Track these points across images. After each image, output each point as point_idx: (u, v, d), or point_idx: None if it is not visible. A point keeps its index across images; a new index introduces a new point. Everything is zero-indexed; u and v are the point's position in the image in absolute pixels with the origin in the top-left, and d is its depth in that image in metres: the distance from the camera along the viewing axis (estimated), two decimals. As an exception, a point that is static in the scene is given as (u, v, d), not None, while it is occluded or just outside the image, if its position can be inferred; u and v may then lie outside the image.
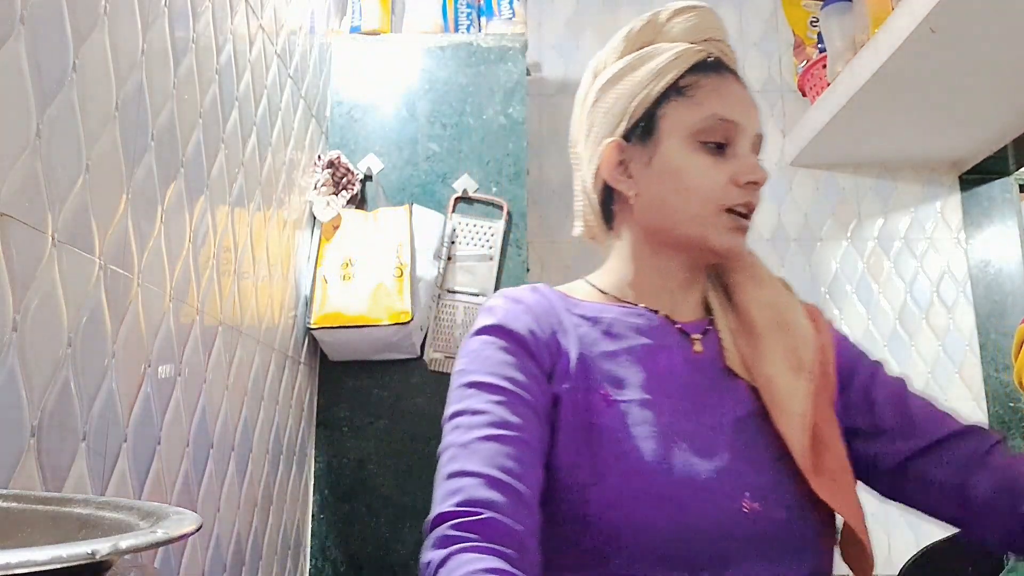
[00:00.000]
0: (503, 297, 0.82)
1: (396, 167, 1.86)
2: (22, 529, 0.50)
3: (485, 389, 0.74)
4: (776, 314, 0.81)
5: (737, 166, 0.78)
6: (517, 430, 0.71)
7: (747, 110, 0.80)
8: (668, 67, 0.80)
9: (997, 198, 2.09)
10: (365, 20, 1.96)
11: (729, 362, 0.79)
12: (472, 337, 0.79)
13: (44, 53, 0.77)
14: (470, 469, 0.69)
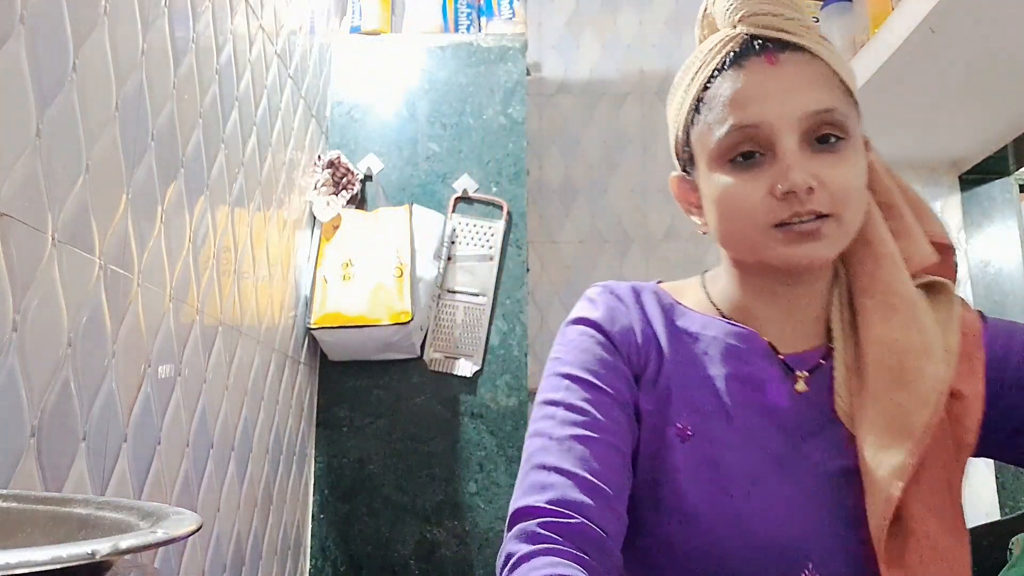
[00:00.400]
0: (608, 292, 0.77)
1: (396, 167, 1.86)
2: (22, 529, 0.50)
3: (582, 385, 0.71)
4: (897, 360, 0.67)
5: (774, 174, 0.66)
6: (611, 433, 0.69)
7: (777, 97, 0.66)
8: (692, 85, 0.72)
9: (997, 198, 2.09)
10: (365, 20, 1.96)
11: (837, 407, 0.69)
12: (571, 325, 0.76)
13: (44, 53, 0.77)
14: (563, 467, 0.66)
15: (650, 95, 2.16)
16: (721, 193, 0.69)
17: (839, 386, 0.69)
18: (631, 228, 2.08)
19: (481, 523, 1.70)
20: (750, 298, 0.74)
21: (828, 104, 0.66)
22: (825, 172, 0.65)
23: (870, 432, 0.65)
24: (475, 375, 1.76)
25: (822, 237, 0.65)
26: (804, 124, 0.66)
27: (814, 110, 0.66)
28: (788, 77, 0.67)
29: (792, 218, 0.65)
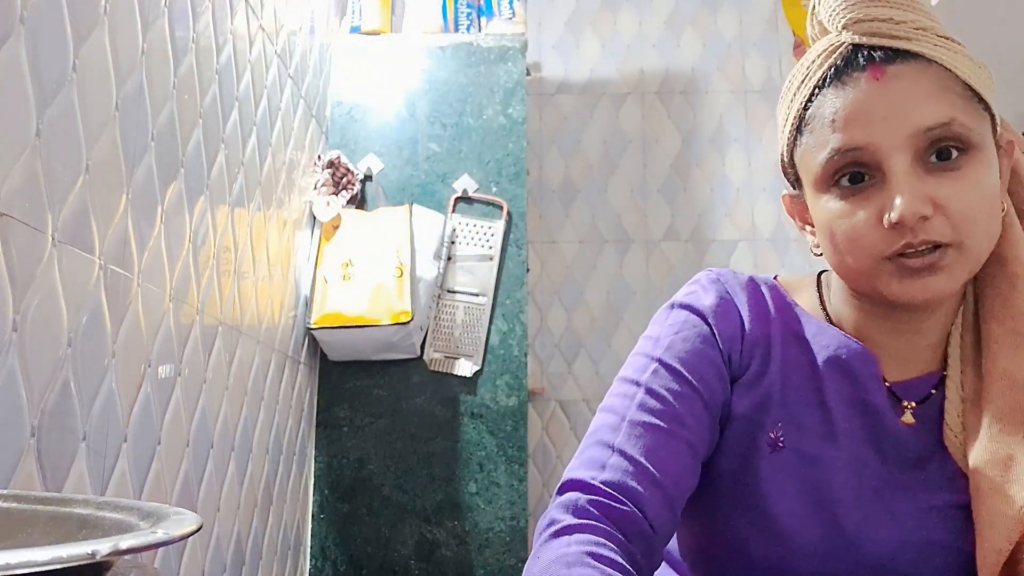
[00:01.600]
0: (721, 283, 0.72)
1: (396, 167, 1.86)
2: (22, 529, 0.50)
3: (670, 373, 0.67)
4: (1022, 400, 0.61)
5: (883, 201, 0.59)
6: (686, 429, 0.65)
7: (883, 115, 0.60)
8: (794, 99, 0.67)
9: (997, 198, 2.09)
10: (365, 20, 1.96)
11: (948, 443, 0.64)
12: (677, 309, 0.72)
13: (44, 53, 0.77)
14: (627, 451, 0.63)
15: (650, 95, 2.16)
16: (828, 220, 0.63)
17: (951, 418, 0.64)
18: (631, 228, 2.08)
19: (481, 523, 1.70)
20: (863, 318, 0.68)
21: (943, 117, 0.59)
22: (944, 194, 0.58)
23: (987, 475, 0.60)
24: (475, 375, 1.76)
25: (941, 270, 0.59)
26: (916, 143, 0.59)
27: (926, 127, 0.59)
28: (896, 92, 0.60)
29: (905, 249, 0.59)
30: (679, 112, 2.15)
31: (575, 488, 0.62)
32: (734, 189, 2.10)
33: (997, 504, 0.58)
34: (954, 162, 0.59)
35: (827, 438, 0.65)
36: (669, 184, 2.11)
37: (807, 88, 0.65)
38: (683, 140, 2.13)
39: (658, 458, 0.63)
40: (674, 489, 0.63)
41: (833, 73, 0.63)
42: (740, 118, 2.14)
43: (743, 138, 2.13)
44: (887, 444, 0.64)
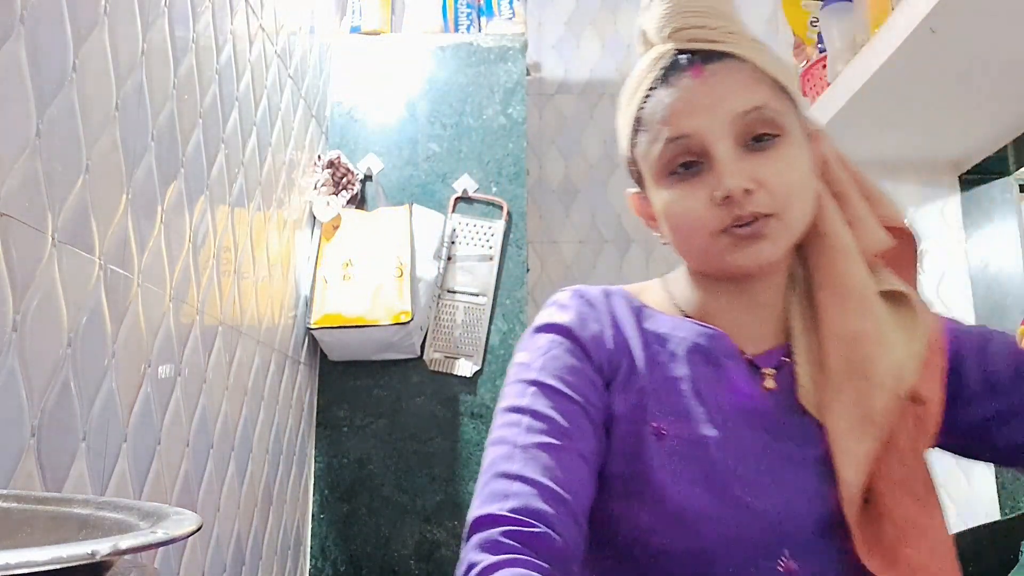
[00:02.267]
0: (579, 297, 0.76)
1: (396, 167, 1.86)
2: (22, 529, 0.50)
3: (549, 393, 0.70)
4: (854, 350, 0.69)
5: (712, 182, 0.67)
6: (577, 442, 0.68)
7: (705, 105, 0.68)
8: (629, 106, 0.74)
9: (997, 198, 2.09)
10: (365, 20, 1.96)
11: (803, 399, 0.70)
12: (539, 333, 0.75)
13: (44, 53, 0.77)
14: (527, 476, 0.65)
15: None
16: (667, 206, 0.70)
17: (803, 379, 0.70)
18: (631, 228, 2.08)
19: (481, 523, 1.70)
20: (711, 301, 0.75)
21: (756, 103, 0.67)
22: (762, 171, 0.66)
23: (837, 421, 0.67)
24: (475, 375, 1.76)
25: (765, 237, 0.67)
26: (735, 127, 0.67)
27: (742, 111, 0.67)
28: (714, 86, 0.69)
29: (734, 222, 0.66)
30: (679, 112, 2.15)
31: (485, 525, 0.63)
32: (734, 189, 2.10)
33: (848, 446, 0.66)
34: (769, 143, 0.68)
35: (703, 419, 0.69)
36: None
37: (641, 92, 0.72)
38: (683, 140, 2.13)
39: (557, 475, 0.65)
40: (577, 503, 0.66)
41: (662, 76, 0.71)
42: (740, 118, 2.14)
43: (743, 138, 2.13)
44: (756, 413, 0.70)
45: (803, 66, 2.02)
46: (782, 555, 0.65)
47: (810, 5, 2.07)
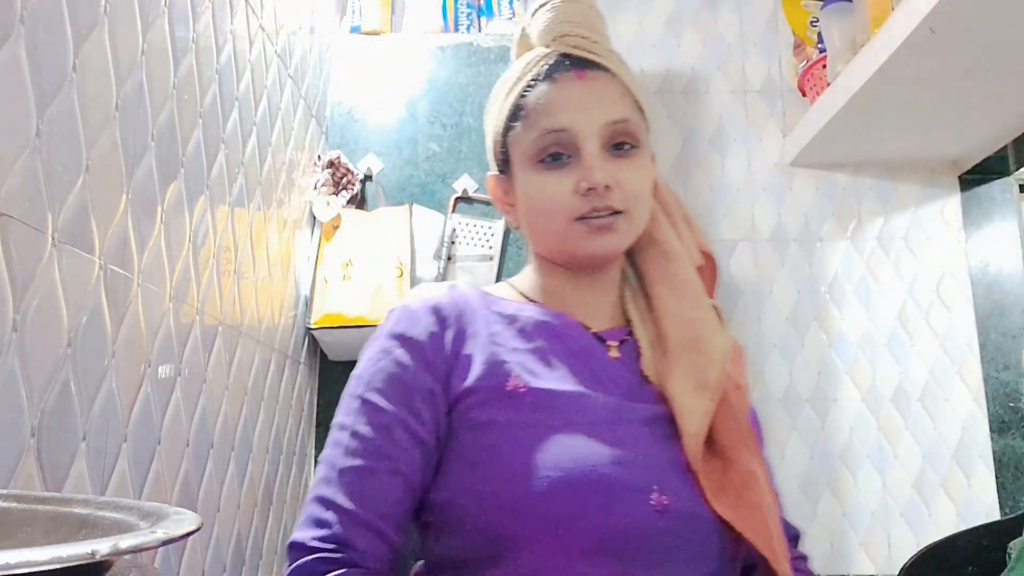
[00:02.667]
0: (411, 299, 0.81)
1: (396, 167, 1.86)
2: (22, 529, 0.50)
3: (372, 409, 0.74)
4: (690, 330, 0.80)
5: (579, 174, 0.76)
6: (394, 461, 0.72)
7: (584, 107, 0.77)
8: (510, 93, 0.81)
9: (997, 198, 2.09)
10: (365, 20, 1.96)
11: (645, 369, 0.80)
12: (375, 339, 0.79)
13: (44, 53, 0.77)
14: (340, 503, 0.71)
15: (650, 95, 2.16)
16: (533, 189, 0.79)
17: (645, 352, 0.81)
18: (631, 228, 2.08)
19: (481, 523, 1.70)
20: (557, 286, 0.83)
21: (625, 115, 0.78)
22: (620, 174, 0.77)
23: (679, 387, 0.77)
24: (475, 375, 1.76)
25: (615, 231, 0.77)
26: (604, 132, 0.77)
27: (613, 120, 0.77)
28: (593, 90, 0.78)
29: (591, 212, 0.76)
30: (679, 112, 2.15)
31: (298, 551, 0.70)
32: (734, 189, 2.10)
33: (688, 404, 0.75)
34: (628, 152, 0.79)
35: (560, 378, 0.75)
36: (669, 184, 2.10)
37: (522, 84, 0.80)
38: (683, 140, 2.13)
39: (365, 499, 0.71)
40: (389, 522, 0.72)
41: (546, 72, 0.80)
42: (740, 118, 2.14)
43: (743, 138, 2.13)
44: (605, 376, 0.78)
45: (803, 66, 2.02)
46: (652, 489, 0.70)
47: (810, 5, 2.07)
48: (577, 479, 0.69)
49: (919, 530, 1.90)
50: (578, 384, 0.76)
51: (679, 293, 0.83)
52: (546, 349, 0.78)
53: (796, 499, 1.92)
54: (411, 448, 0.73)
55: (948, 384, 1.98)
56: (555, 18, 0.82)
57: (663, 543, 0.69)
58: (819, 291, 2.04)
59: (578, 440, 0.71)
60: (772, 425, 1.96)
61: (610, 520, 0.68)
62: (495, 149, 0.84)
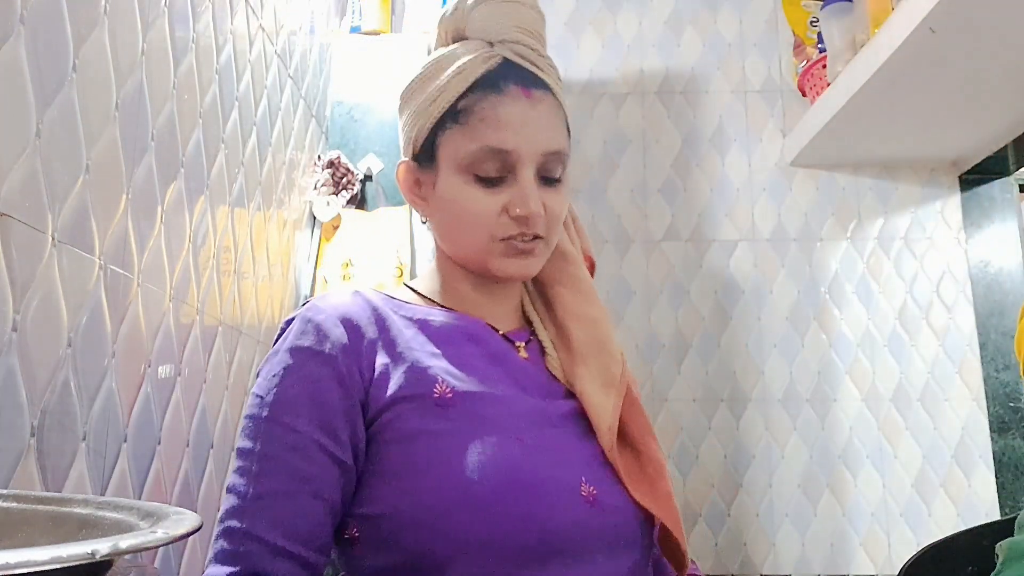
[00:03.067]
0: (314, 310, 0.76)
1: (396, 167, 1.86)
2: (22, 529, 0.50)
3: (283, 430, 0.70)
4: (592, 330, 0.82)
5: (511, 196, 0.75)
6: (313, 484, 0.69)
7: (529, 133, 0.76)
8: (448, 87, 0.78)
9: (997, 198, 2.09)
10: (365, 20, 1.96)
11: (552, 368, 0.81)
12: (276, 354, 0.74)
13: (44, 53, 0.77)
14: (257, 533, 0.67)
15: (650, 95, 2.16)
16: (460, 198, 0.77)
17: (550, 352, 0.82)
18: (631, 228, 2.08)
19: (481, 523, 1.70)
20: (463, 289, 0.83)
21: (562, 147, 0.78)
22: (548, 201, 0.77)
23: (588, 385, 0.79)
24: (475, 375, 1.76)
25: (534, 255, 0.78)
26: (542, 159, 0.77)
27: (554, 150, 0.77)
28: (539, 113, 0.77)
29: (517, 236, 0.76)
30: (679, 112, 2.15)
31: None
32: (734, 189, 2.10)
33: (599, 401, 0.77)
34: (555, 182, 0.78)
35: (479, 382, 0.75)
36: (669, 184, 2.10)
37: (461, 82, 0.77)
38: (683, 140, 2.13)
39: (287, 527, 0.67)
40: (307, 548, 0.68)
41: (491, 79, 0.77)
42: (740, 118, 2.14)
43: (743, 138, 2.13)
44: (518, 376, 0.78)
45: (803, 66, 2.03)
46: (581, 481, 0.72)
47: (810, 5, 2.07)
48: (518, 484, 0.69)
49: (919, 530, 1.90)
50: (498, 387, 0.76)
51: (578, 293, 0.85)
52: (462, 353, 0.77)
53: (796, 499, 1.92)
54: (329, 469, 0.70)
55: (948, 384, 1.98)
56: (502, 17, 0.79)
57: (596, 534, 0.71)
58: (819, 291, 2.04)
59: (511, 445, 0.71)
60: (772, 425, 1.96)
61: (549, 521, 0.68)
62: (418, 139, 0.80)
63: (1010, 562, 0.85)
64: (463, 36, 0.82)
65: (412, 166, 0.82)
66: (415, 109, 0.81)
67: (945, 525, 1.90)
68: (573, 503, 0.70)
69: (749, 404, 1.97)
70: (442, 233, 0.82)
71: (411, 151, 0.82)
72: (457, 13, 0.82)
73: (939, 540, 1.06)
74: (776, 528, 1.92)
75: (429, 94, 0.80)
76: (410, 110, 0.82)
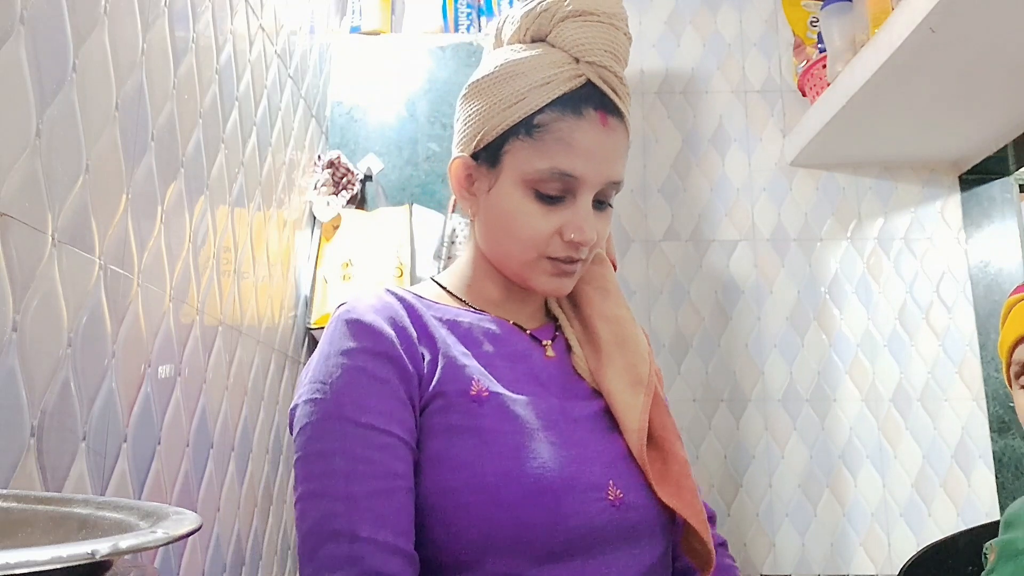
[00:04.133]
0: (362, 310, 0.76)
1: (396, 167, 1.86)
2: (22, 529, 0.50)
3: (364, 429, 0.69)
4: (619, 329, 0.83)
5: (567, 220, 0.76)
6: (403, 478, 0.69)
7: (598, 161, 0.76)
8: (527, 97, 0.76)
9: (997, 198, 2.09)
10: (365, 20, 1.96)
11: (578, 368, 0.82)
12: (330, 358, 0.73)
13: (44, 53, 0.77)
14: (364, 534, 0.65)
15: (650, 95, 2.17)
16: (517, 211, 0.77)
17: (576, 351, 0.83)
18: (631, 228, 2.08)
19: (481, 523, 1.70)
20: (492, 288, 0.84)
21: (620, 178, 0.79)
22: (600, 229, 0.79)
23: (615, 384, 0.79)
24: (475, 375, 1.76)
25: (574, 276, 0.80)
26: (601, 188, 0.78)
27: (615, 181, 0.79)
28: (611, 143, 0.77)
29: (564, 258, 0.78)
30: (679, 112, 2.15)
31: None
32: (734, 189, 2.10)
33: (627, 399, 0.78)
34: (605, 208, 0.80)
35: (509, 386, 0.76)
36: (669, 184, 2.10)
37: (541, 96, 0.76)
38: (683, 140, 2.13)
39: (393, 524, 0.67)
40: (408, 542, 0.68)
41: (570, 98, 0.76)
42: (740, 118, 2.14)
43: (743, 138, 2.13)
44: (546, 377, 0.80)
45: (803, 66, 2.02)
46: (609, 484, 0.73)
47: (810, 5, 2.07)
48: (545, 484, 0.69)
49: (919, 530, 1.90)
50: (526, 387, 0.77)
51: (606, 293, 0.86)
52: (491, 354, 0.78)
53: (796, 499, 1.92)
54: (410, 463, 0.72)
55: (948, 384, 1.98)
56: (595, 38, 0.77)
57: (619, 535, 0.71)
58: (819, 291, 2.04)
59: (540, 445, 0.72)
60: (772, 425, 1.96)
61: (574, 520, 0.69)
62: (484, 138, 0.79)
63: (1003, 561, 0.85)
64: (545, 39, 0.79)
65: (469, 162, 0.81)
66: (486, 107, 0.79)
67: (945, 525, 1.90)
68: (599, 504, 0.71)
69: (749, 404, 1.97)
70: (487, 236, 0.82)
71: (472, 147, 0.81)
72: (546, 16, 0.79)
73: (939, 540, 1.07)
74: (776, 528, 1.92)
75: (505, 97, 0.78)
76: (479, 106, 0.80)
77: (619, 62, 0.79)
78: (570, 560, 0.69)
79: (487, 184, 0.80)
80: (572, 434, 0.75)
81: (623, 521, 0.72)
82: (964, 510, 1.92)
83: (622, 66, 0.80)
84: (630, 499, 0.73)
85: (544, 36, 0.80)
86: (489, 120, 0.78)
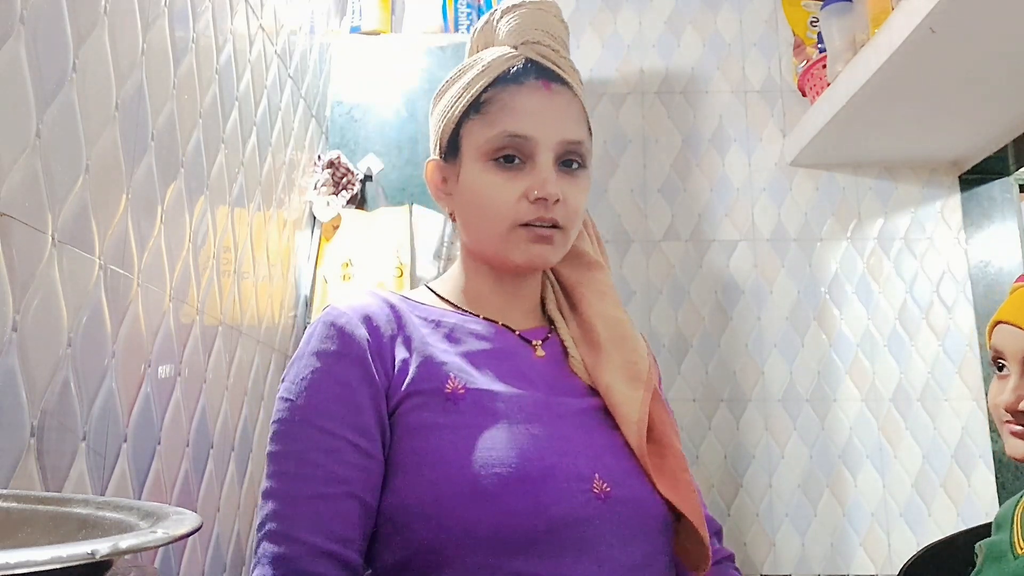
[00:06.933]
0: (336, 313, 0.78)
1: (396, 167, 1.86)
2: (22, 529, 0.50)
3: (318, 432, 0.71)
4: (617, 327, 0.84)
5: (530, 181, 0.77)
6: (349, 484, 0.70)
7: (547, 120, 0.79)
8: (472, 83, 0.81)
9: (997, 198, 2.09)
10: (365, 20, 1.96)
11: (574, 367, 0.83)
12: (303, 357, 0.76)
13: (44, 53, 0.77)
14: (297, 536, 0.68)
15: (650, 95, 2.17)
16: (481, 185, 0.79)
17: (572, 351, 0.84)
18: (631, 228, 2.08)
19: (481, 523, 1.70)
20: (482, 290, 0.85)
21: (580, 137, 0.80)
22: (567, 190, 0.79)
23: (612, 379, 0.80)
24: (475, 375, 1.76)
25: (553, 243, 0.79)
26: (560, 148, 0.79)
27: (571, 139, 0.79)
28: (558, 105, 0.80)
29: (536, 221, 0.77)
30: (679, 112, 2.15)
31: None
32: (734, 189, 2.10)
33: (627, 394, 0.79)
34: (575, 171, 0.81)
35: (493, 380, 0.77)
36: (669, 184, 2.10)
37: (486, 78, 0.80)
38: (683, 140, 2.13)
39: (328, 529, 0.69)
40: (352, 549, 0.70)
41: (513, 73, 0.80)
42: (740, 118, 2.14)
43: (743, 138, 2.13)
44: (534, 375, 0.80)
45: (803, 66, 2.02)
46: (594, 478, 0.72)
47: (810, 5, 2.07)
48: (525, 475, 0.70)
49: (919, 530, 1.90)
50: (509, 384, 0.77)
51: (602, 295, 0.87)
52: (475, 352, 0.79)
53: (796, 499, 1.92)
54: (363, 468, 0.72)
55: (948, 384, 1.98)
56: (526, 22, 0.83)
57: (610, 531, 0.71)
58: (819, 291, 2.04)
59: (520, 437, 0.72)
60: (772, 425, 1.96)
61: (556, 511, 0.69)
62: (444, 135, 0.84)
63: (989, 562, 0.86)
64: (495, 42, 0.86)
65: (439, 164, 0.85)
66: (442, 109, 0.84)
67: (945, 525, 1.90)
68: (583, 496, 0.71)
69: (749, 404, 1.97)
70: (465, 224, 0.83)
71: (439, 150, 0.85)
72: (487, 26, 0.86)
73: (939, 540, 1.07)
74: (776, 528, 1.92)
75: (456, 93, 0.83)
76: (438, 111, 0.85)
77: (555, 40, 0.83)
78: (559, 556, 0.69)
79: (455, 175, 0.83)
80: (556, 427, 0.75)
81: (612, 515, 0.71)
82: (964, 510, 1.92)
83: (560, 45, 0.84)
84: (619, 493, 0.73)
85: (491, 44, 0.86)
86: (445, 117, 0.83)
